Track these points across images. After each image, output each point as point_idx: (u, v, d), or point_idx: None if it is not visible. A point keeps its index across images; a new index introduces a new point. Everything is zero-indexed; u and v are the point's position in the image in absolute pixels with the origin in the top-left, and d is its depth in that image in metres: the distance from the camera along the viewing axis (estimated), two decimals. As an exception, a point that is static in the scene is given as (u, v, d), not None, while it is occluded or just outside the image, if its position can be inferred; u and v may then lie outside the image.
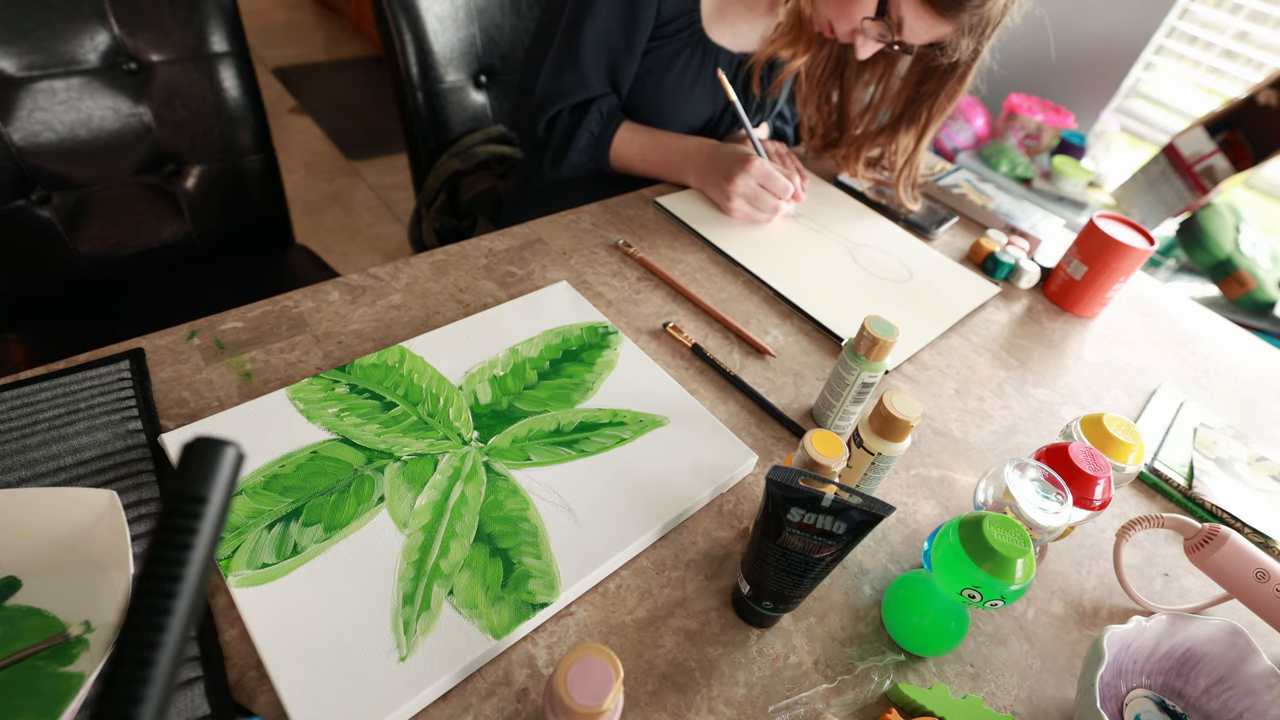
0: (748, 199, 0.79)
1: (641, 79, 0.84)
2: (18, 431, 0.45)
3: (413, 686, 0.37)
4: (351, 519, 0.44)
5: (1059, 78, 1.93)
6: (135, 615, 0.18)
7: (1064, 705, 0.44)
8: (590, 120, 0.82)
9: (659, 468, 0.51)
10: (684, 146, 0.84)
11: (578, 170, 0.86)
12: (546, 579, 0.43)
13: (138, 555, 0.40)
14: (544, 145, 0.85)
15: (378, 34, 0.97)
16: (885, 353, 0.52)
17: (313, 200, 2.09)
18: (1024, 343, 0.75)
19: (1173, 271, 1.61)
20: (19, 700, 0.34)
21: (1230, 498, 0.59)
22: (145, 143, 0.86)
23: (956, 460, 0.59)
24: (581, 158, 0.84)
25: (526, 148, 0.91)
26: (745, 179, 0.78)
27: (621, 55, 0.80)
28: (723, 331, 0.66)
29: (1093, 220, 0.77)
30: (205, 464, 0.19)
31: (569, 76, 0.81)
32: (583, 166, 0.85)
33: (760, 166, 0.78)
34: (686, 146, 0.84)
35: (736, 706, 0.41)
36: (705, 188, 0.83)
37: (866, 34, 0.74)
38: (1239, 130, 1.45)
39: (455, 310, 0.62)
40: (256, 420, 0.48)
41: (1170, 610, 0.49)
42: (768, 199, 0.79)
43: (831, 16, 0.76)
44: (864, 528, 0.38)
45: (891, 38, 0.73)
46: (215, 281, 0.95)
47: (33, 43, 0.75)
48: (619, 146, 0.84)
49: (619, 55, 0.80)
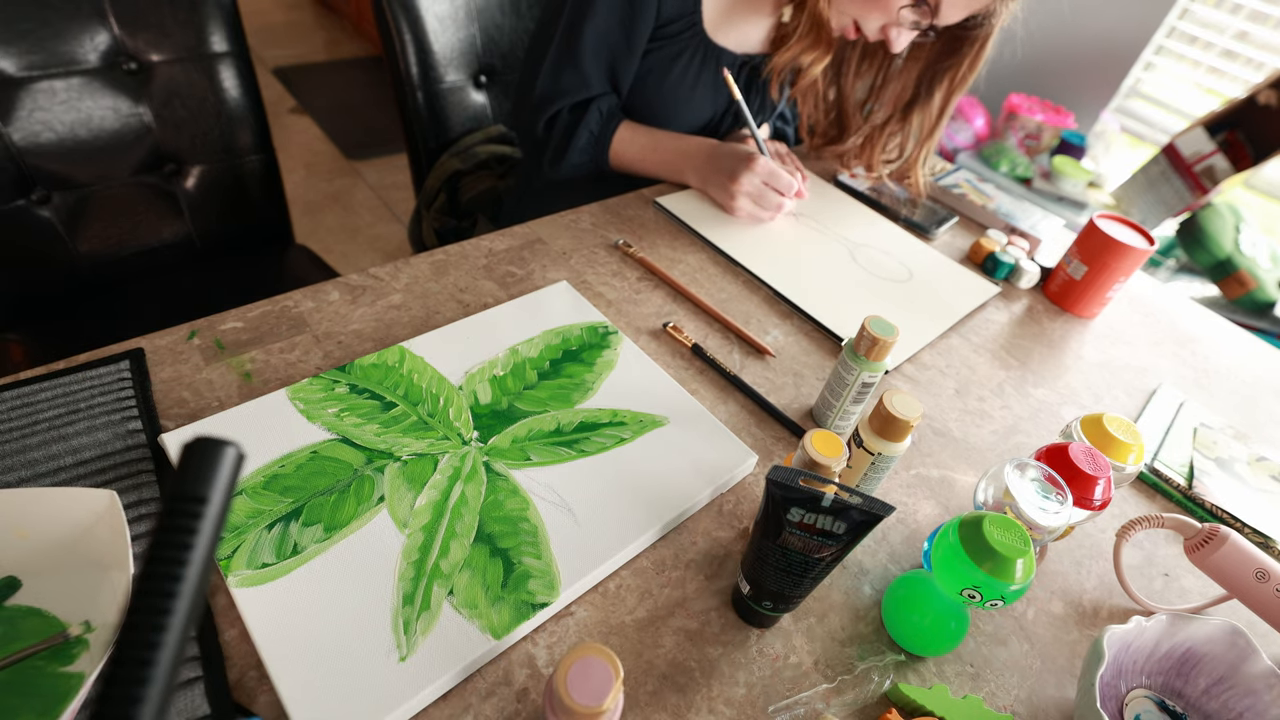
0: (752, 198, 0.79)
1: (642, 79, 0.84)
2: (18, 431, 0.45)
3: (413, 686, 0.37)
4: (351, 519, 0.44)
5: (1059, 78, 1.93)
6: (135, 615, 0.18)
7: (1064, 705, 0.44)
8: (590, 119, 0.82)
9: (659, 468, 0.51)
10: (684, 146, 0.84)
11: (577, 170, 0.86)
12: (546, 579, 0.43)
13: (138, 555, 0.40)
14: (543, 145, 0.85)
15: (378, 34, 0.97)
16: (885, 353, 0.52)
17: (313, 200, 2.09)
18: (1024, 343, 0.75)
19: (1173, 271, 1.61)
20: (19, 700, 0.34)
21: (1230, 498, 0.59)
22: (145, 143, 0.86)
23: (956, 460, 0.59)
24: (581, 157, 0.84)
25: (526, 147, 0.91)
26: (750, 177, 0.78)
27: (621, 55, 0.80)
28: (723, 331, 0.66)
29: (1093, 220, 0.77)
30: (205, 464, 0.19)
31: (568, 76, 0.80)
32: (582, 166, 0.85)
33: (764, 164, 0.78)
34: (687, 146, 0.83)
35: (736, 706, 0.41)
36: (707, 188, 0.82)
37: (902, 23, 0.73)
38: (1239, 130, 1.45)
39: (455, 310, 0.62)
40: (256, 420, 0.48)
41: (1170, 610, 0.49)
42: (772, 197, 0.79)
43: (859, 14, 0.75)
44: (864, 528, 0.38)
45: (927, 22, 0.72)
46: (215, 281, 0.95)
47: (33, 43, 0.75)
48: (618, 146, 0.84)
49: (619, 55, 0.80)
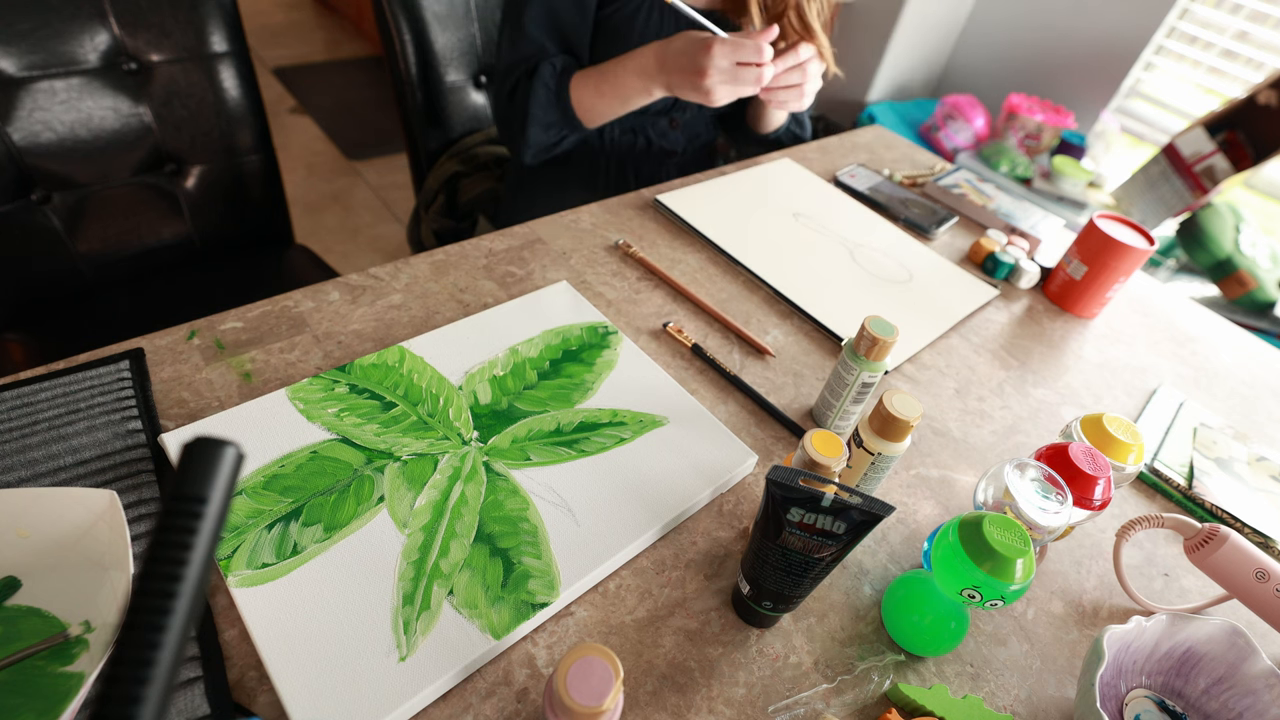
0: (727, 80, 0.73)
1: (605, 45, 0.84)
2: (18, 431, 0.45)
3: (413, 686, 0.37)
4: (351, 519, 0.44)
5: (1059, 78, 1.93)
6: (135, 615, 0.18)
7: (1064, 705, 0.44)
8: (543, 75, 0.82)
9: (659, 468, 0.51)
10: (633, 63, 0.79)
11: (548, 134, 0.84)
12: (546, 579, 0.43)
13: (138, 555, 0.40)
14: (511, 119, 0.85)
15: (378, 34, 0.98)
16: (885, 353, 0.52)
17: (313, 200, 2.09)
18: (1024, 343, 0.75)
19: (1173, 271, 1.61)
20: (19, 700, 0.34)
21: (1230, 498, 0.59)
22: (145, 143, 0.86)
23: (956, 460, 0.59)
24: (546, 115, 0.83)
25: (504, 136, 0.90)
26: (715, 61, 0.71)
27: (571, 19, 0.81)
28: (723, 331, 0.66)
29: (1093, 220, 0.77)
30: (205, 464, 0.19)
31: (522, 45, 0.82)
32: (551, 128, 0.83)
33: (723, 43, 0.71)
34: (636, 62, 0.79)
35: (736, 706, 0.41)
36: (676, 91, 0.77)
37: None
38: (1239, 130, 1.45)
39: (455, 310, 0.62)
40: (256, 420, 0.48)
41: (1170, 610, 0.49)
42: (747, 71, 0.72)
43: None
44: (864, 528, 0.38)
45: None
46: (215, 281, 0.95)
47: (33, 43, 0.75)
48: (577, 94, 0.82)
49: (568, 19, 0.81)
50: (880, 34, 2.00)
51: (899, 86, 2.15)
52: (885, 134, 1.13)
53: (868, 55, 2.05)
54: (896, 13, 1.94)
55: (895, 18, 1.95)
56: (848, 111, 2.16)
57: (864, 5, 2.02)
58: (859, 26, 2.05)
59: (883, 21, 1.98)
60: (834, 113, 2.20)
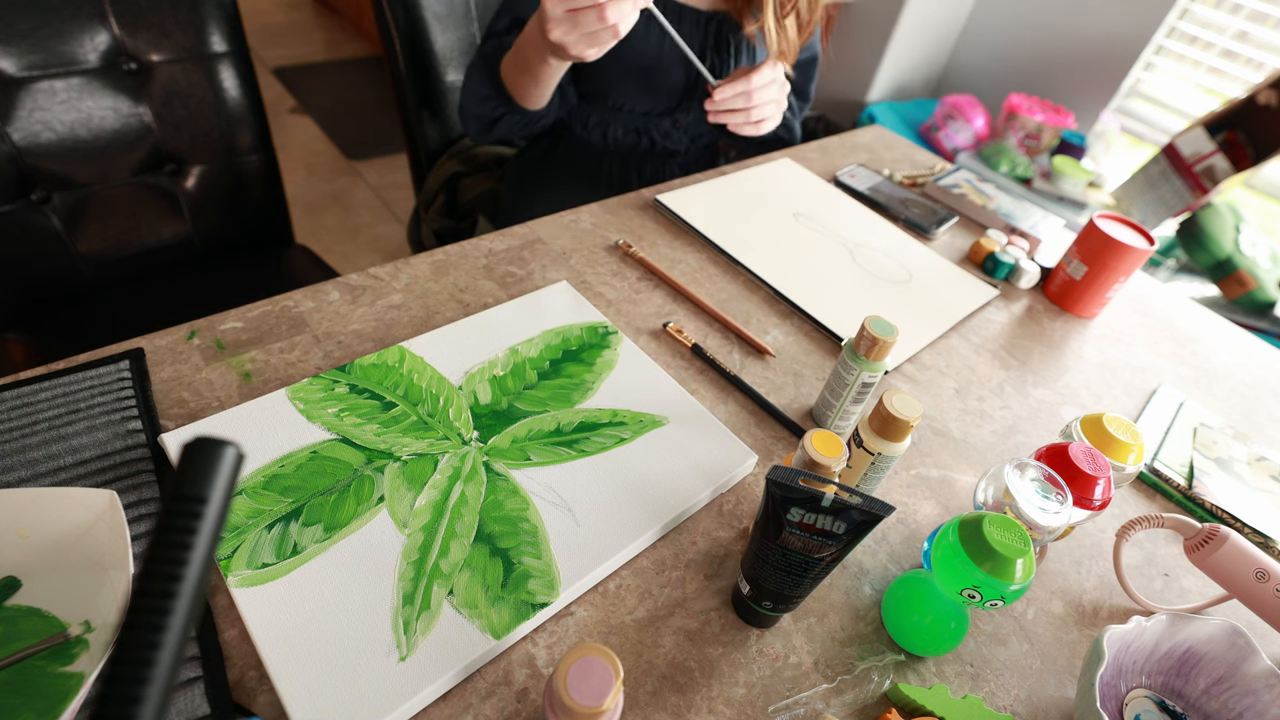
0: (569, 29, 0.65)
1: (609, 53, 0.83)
2: (18, 431, 0.45)
3: (413, 686, 0.37)
4: (351, 519, 0.44)
5: (1059, 78, 1.93)
6: (135, 615, 0.18)
7: (1064, 705, 0.44)
8: (484, 49, 0.83)
9: (659, 468, 0.51)
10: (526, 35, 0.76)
11: (484, 106, 0.84)
12: (546, 579, 0.43)
13: (138, 555, 0.40)
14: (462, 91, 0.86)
15: (378, 34, 0.98)
16: (885, 353, 0.52)
17: (313, 200, 2.09)
18: (1024, 343, 0.75)
19: (1173, 271, 1.61)
20: (19, 700, 0.34)
21: (1230, 498, 0.59)
22: (145, 143, 0.86)
23: (956, 460, 0.59)
24: (482, 89, 0.83)
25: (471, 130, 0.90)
26: (550, 13, 0.64)
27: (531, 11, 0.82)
28: (723, 331, 0.66)
29: (1093, 220, 0.77)
30: (205, 464, 0.19)
31: (488, 43, 0.83)
32: (487, 101, 0.84)
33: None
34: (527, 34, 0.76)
35: (736, 706, 0.41)
36: (554, 55, 0.71)
37: None
38: (1239, 130, 1.45)
39: (455, 310, 0.62)
40: (256, 420, 0.48)
41: (1170, 610, 0.49)
42: (584, 15, 0.64)
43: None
44: (864, 528, 0.38)
45: None
46: (215, 281, 0.95)
47: (33, 43, 0.75)
48: (504, 69, 0.82)
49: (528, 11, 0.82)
50: (880, 34, 2.00)
51: (899, 86, 2.15)
52: (885, 134, 1.13)
53: (868, 55, 2.05)
54: (896, 13, 1.94)
55: (895, 18, 1.95)
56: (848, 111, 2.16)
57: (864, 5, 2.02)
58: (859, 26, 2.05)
59: (883, 21, 1.99)
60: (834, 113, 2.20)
